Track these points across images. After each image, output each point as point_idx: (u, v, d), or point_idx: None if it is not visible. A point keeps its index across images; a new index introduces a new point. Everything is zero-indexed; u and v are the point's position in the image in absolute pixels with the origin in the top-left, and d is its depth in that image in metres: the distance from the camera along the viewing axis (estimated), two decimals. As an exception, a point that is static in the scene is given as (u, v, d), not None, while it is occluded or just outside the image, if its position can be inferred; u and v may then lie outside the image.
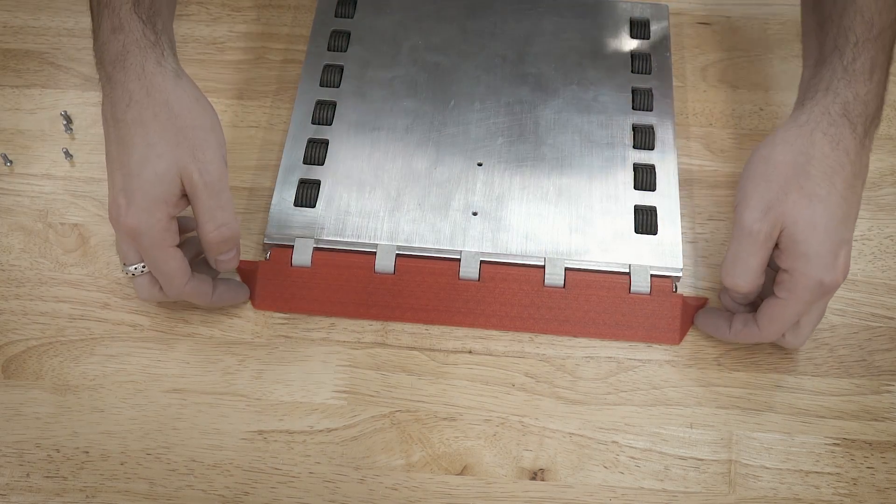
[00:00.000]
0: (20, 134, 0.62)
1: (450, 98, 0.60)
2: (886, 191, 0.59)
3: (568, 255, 0.54)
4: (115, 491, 0.49)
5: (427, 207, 0.56)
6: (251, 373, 0.53)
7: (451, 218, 0.56)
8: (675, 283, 0.54)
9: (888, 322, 0.54)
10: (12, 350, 0.53)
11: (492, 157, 0.58)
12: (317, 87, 0.61)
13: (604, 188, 0.57)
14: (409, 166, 0.57)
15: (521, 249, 0.55)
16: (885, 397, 0.52)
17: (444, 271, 0.54)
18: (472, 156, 0.58)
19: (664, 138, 0.59)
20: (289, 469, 0.50)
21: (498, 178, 0.57)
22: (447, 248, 0.55)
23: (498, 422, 0.51)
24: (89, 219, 0.58)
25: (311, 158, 0.58)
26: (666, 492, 0.49)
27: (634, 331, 0.53)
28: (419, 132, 0.59)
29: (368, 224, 0.55)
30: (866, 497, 0.49)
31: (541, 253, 0.54)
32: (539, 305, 0.54)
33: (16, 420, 0.51)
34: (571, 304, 0.54)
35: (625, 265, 0.54)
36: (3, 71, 0.65)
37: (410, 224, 0.55)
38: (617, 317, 0.53)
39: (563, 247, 0.55)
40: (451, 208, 0.56)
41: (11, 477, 0.50)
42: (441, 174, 0.57)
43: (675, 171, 0.58)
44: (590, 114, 0.60)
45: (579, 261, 0.54)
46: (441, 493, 0.49)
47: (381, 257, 0.54)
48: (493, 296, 0.54)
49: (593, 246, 0.55)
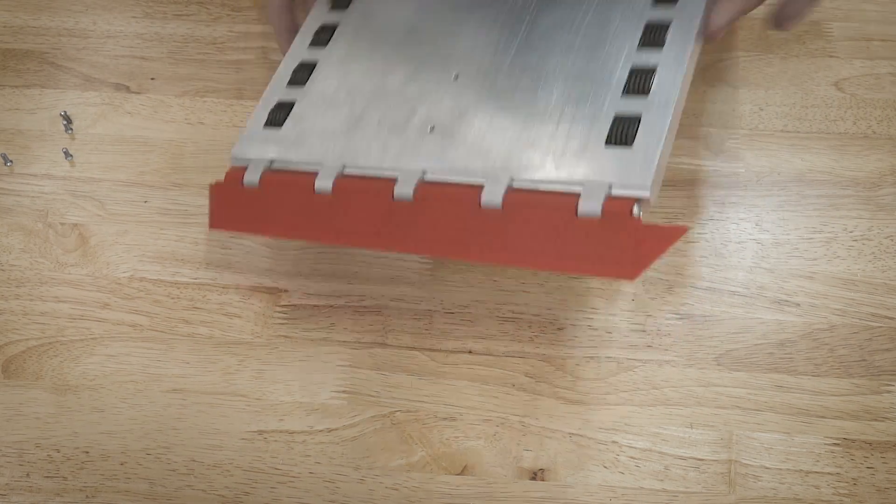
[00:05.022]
0: (20, 134, 0.62)
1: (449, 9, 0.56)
2: (886, 191, 0.59)
3: (517, 171, 0.46)
4: (115, 491, 0.49)
5: (386, 125, 0.52)
6: (251, 373, 0.53)
7: (406, 135, 0.50)
8: (638, 206, 0.43)
9: (888, 322, 0.54)
10: (12, 350, 0.53)
11: (471, 67, 0.53)
12: (326, 11, 0.59)
13: (584, 92, 0.49)
14: (382, 83, 0.54)
15: (467, 166, 0.48)
16: (885, 397, 0.52)
17: (379, 190, 0.48)
18: (448, 67, 0.53)
19: (680, 38, 0.49)
20: (289, 469, 0.50)
21: (469, 90, 0.51)
22: (390, 167, 0.49)
23: (498, 422, 0.51)
24: (89, 219, 0.58)
25: (295, 80, 0.56)
26: (666, 492, 0.49)
27: (580, 262, 0.44)
28: (406, 51, 0.55)
29: (323, 144, 0.52)
30: (866, 497, 0.49)
31: (487, 170, 0.47)
32: (473, 229, 0.46)
33: (16, 420, 0.51)
34: (509, 228, 0.45)
35: (580, 184, 0.45)
36: (3, 71, 0.65)
37: (364, 142, 0.51)
38: (560, 244, 0.44)
39: (514, 162, 0.47)
40: (409, 125, 0.51)
41: (11, 477, 0.50)
42: (412, 90, 0.53)
43: (680, 76, 0.48)
44: (598, 13, 0.52)
45: (527, 180, 0.46)
46: (441, 493, 0.49)
47: (321, 177, 0.50)
48: (426, 218, 0.47)
49: (549, 161, 0.46)
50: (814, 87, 0.63)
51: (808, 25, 0.66)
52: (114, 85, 0.64)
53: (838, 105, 0.62)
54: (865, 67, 0.64)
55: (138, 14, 0.67)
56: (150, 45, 0.66)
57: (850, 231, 0.57)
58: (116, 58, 0.65)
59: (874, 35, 0.66)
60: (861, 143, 0.61)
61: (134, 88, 0.64)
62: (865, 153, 0.60)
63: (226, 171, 0.54)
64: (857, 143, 0.61)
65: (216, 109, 0.63)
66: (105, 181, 0.60)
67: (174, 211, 0.58)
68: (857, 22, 0.66)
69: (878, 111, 0.62)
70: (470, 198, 0.46)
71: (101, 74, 0.64)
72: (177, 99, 0.63)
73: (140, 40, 0.66)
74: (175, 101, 0.63)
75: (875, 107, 0.62)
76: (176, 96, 0.63)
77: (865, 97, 0.63)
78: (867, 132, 0.61)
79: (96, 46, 0.66)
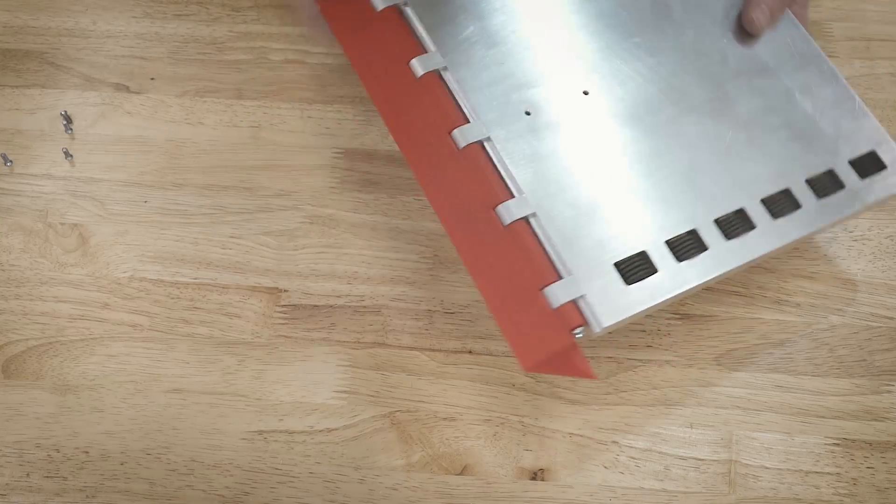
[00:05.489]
0: (20, 134, 0.62)
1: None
2: (886, 191, 0.59)
3: (548, 214, 0.46)
4: (115, 491, 0.49)
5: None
6: (251, 373, 0.53)
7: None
8: (583, 331, 0.44)
9: (888, 322, 0.54)
10: (12, 350, 0.53)
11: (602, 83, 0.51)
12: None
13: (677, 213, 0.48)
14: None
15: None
16: (885, 397, 0.52)
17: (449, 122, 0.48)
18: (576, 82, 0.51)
19: (798, 224, 0.49)
20: (289, 469, 0.50)
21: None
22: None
23: (498, 422, 0.51)
24: (89, 219, 0.58)
25: None
26: (666, 492, 0.49)
27: (508, 321, 0.44)
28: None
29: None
30: (866, 497, 0.49)
31: (531, 198, 0.47)
32: (475, 219, 0.47)
33: (16, 420, 0.51)
34: (498, 246, 0.46)
35: (569, 270, 0.45)
36: (3, 71, 0.65)
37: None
38: (511, 297, 0.45)
39: (550, 203, 0.47)
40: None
41: (11, 477, 0.50)
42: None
43: (746, 259, 0.47)
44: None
45: (548, 224, 0.46)
46: (441, 493, 0.49)
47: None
48: (459, 176, 0.47)
49: (576, 229, 0.46)
50: (814, 87, 0.63)
51: (807, 25, 0.66)
52: (114, 85, 0.64)
53: (838, 105, 0.62)
54: (865, 67, 0.64)
55: (138, 14, 0.67)
56: (150, 45, 0.66)
57: (850, 231, 0.57)
58: (116, 58, 0.65)
59: (874, 35, 0.66)
60: (861, 143, 0.61)
61: (134, 88, 0.64)
62: (865, 153, 0.60)
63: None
64: (857, 143, 0.61)
65: (216, 109, 0.63)
66: (105, 181, 0.60)
67: (174, 211, 0.58)
68: (857, 22, 0.66)
69: (877, 111, 0.62)
70: (494, 197, 0.46)
71: (101, 74, 0.64)
72: (177, 99, 0.63)
73: (140, 40, 0.66)
74: (175, 101, 0.63)
75: (875, 107, 0.62)
76: (176, 96, 0.63)
77: (865, 97, 0.62)
78: (867, 132, 0.61)
79: (96, 46, 0.66)
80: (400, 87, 0.50)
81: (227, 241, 0.57)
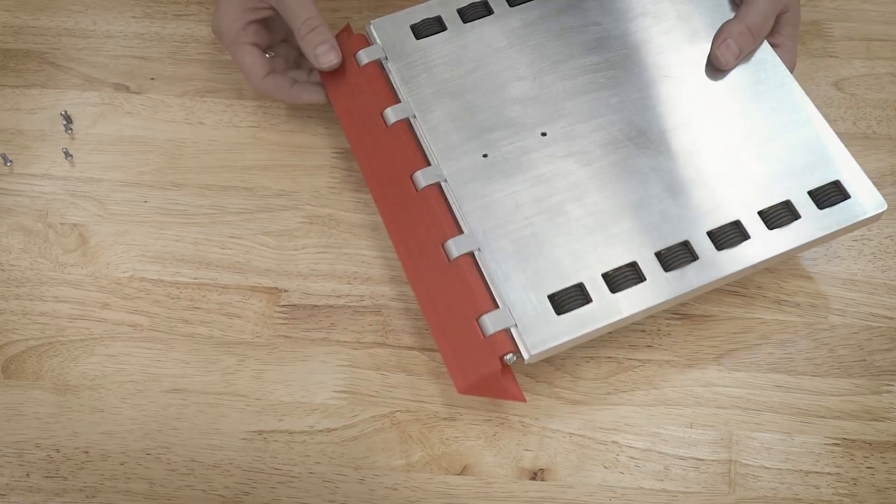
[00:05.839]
0: (20, 134, 0.62)
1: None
2: (887, 191, 0.59)
3: (491, 248, 0.49)
4: (115, 491, 0.49)
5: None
6: (251, 373, 0.53)
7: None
8: (513, 357, 0.47)
9: (888, 322, 0.54)
10: (12, 350, 0.53)
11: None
12: None
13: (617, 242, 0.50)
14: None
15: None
16: (885, 397, 0.52)
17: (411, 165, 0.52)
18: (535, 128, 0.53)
19: (744, 255, 0.50)
20: (289, 469, 0.50)
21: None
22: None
23: (498, 422, 0.51)
24: (89, 219, 0.58)
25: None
26: (666, 492, 0.49)
27: (447, 345, 0.48)
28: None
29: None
30: (866, 497, 0.49)
31: (479, 231, 0.50)
32: (423, 247, 0.50)
33: (16, 420, 0.51)
34: (445, 275, 0.49)
35: (507, 304, 0.48)
36: (3, 71, 0.65)
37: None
38: (450, 324, 0.48)
39: (489, 237, 0.50)
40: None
41: (11, 477, 0.50)
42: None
43: (676, 293, 0.49)
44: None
45: (490, 261, 0.49)
46: (441, 493, 0.49)
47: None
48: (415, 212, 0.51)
49: (521, 271, 0.49)
50: (814, 87, 0.63)
51: (808, 25, 0.66)
52: (114, 85, 0.64)
53: (838, 105, 0.62)
54: (865, 67, 0.64)
55: (138, 14, 0.67)
56: (150, 45, 0.66)
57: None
58: (116, 58, 0.65)
59: (874, 35, 0.66)
60: (861, 143, 0.61)
61: (134, 88, 0.64)
62: (865, 153, 0.60)
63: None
64: (857, 143, 0.61)
65: (216, 109, 0.63)
66: (105, 181, 0.60)
67: (174, 211, 0.58)
68: (857, 22, 0.66)
69: (878, 111, 0.62)
70: (443, 234, 0.50)
71: (101, 74, 0.64)
72: (177, 99, 0.63)
73: (140, 40, 0.66)
74: (175, 101, 0.63)
75: (875, 107, 0.62)
76: (176, 96, 0.63)
77: (865, 97, 0.63)
78: (867, 132, 0.61)
79: (96, 46, 0.66)
80: (373, 134, 0.54)
81: (226, 241, 0.57)
